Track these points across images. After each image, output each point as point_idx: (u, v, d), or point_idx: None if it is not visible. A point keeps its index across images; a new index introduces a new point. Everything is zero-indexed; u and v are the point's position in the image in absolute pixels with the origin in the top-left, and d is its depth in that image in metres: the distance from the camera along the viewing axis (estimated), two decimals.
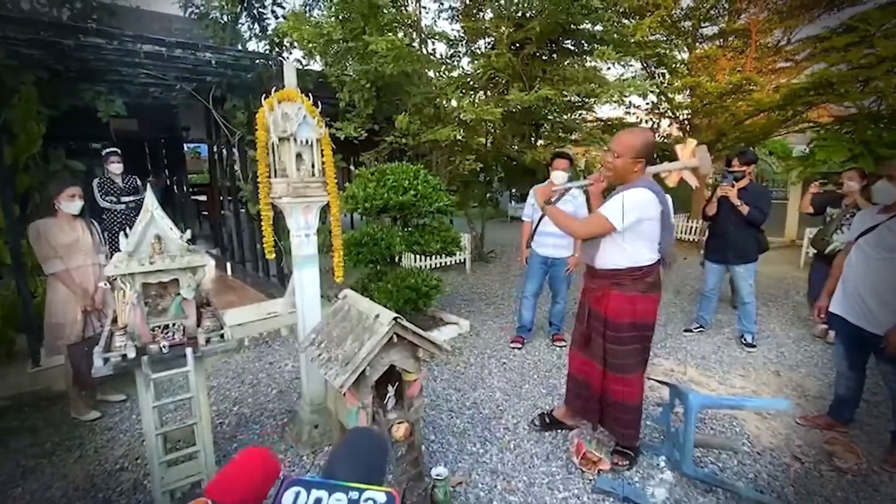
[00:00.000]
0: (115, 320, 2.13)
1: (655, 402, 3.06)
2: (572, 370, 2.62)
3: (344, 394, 2.07)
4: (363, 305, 2.23)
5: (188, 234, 2.14)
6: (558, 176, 3.62)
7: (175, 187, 9.58)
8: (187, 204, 9.83)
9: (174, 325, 2.12)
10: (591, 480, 2.31)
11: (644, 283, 2.24)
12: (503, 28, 4.97)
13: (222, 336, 2.14)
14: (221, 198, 7.19)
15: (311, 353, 2.24)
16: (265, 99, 2.41)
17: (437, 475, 2.12)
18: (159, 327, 2.10)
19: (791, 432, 2.78)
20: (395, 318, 1.99)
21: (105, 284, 3.01)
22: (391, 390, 2.19)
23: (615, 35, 5.34)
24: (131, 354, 1.93)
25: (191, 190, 10.46)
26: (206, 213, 10.44)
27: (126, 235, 2.03)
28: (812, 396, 3.24)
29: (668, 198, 2.38)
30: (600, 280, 2.34)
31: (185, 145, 9.54)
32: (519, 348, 4.04)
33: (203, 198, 10.77)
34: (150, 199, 2.05)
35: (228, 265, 6.82)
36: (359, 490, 0.62)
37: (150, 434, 1.96)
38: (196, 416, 2.05)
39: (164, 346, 2.00)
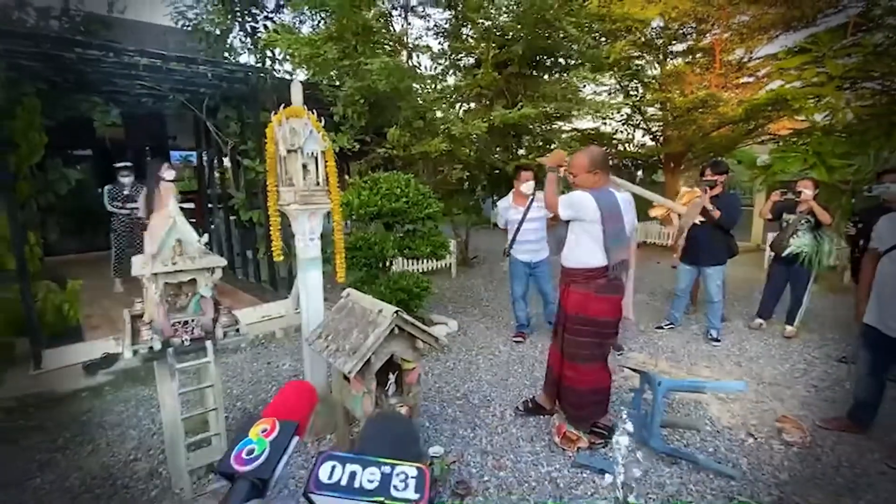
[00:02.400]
0: (139, 316, 2.31)
1: (628, 389, 3.36)
2: (548, 357, 2.95)
3: (349, 380, 2.30)
4: (366, 302, 2.46)
5: (205, 237, 2.35)
6: (528, 186, 4.14)
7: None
8: None
9: (193, 320, 2.31)
10: (570, 457, 2.58)
11: (596, 284, 2.56)
12: (487, 47, 5.30)
13: (237, 330, 2.35)
14: (210, 205, 7.31)
15: (318, 346, 2.46)
16: (273, 114, 2.64)
17: (434, 453, 2.36)
18: (179, 322, 2.29)
19: (747, 413, 3.11)
20: (396, 312, 2.23)
21: None
22: (392, 378, 2.43)
23: (591, 55, 5.73)
24: (157, 347, 2.12)
25: (177, 197, 10.47)
26: (192, 220, 10.44)
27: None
28: (768, 383, 3.58)
29: (628, 205, 2.64)
30: (564, 277, 2.72)
31: (173, 153, 9.59)
32: (521, 342, 4.38)
33: (190, 205, 10.76)
34: (173, 207, 2.25)
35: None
36: (391, 465, 0.62)
37: (174, 420, 2.16)
38: (216, 404, 2.25)
39: (186, 340, 2.21)
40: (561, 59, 6.17)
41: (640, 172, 11.63)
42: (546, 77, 6.19)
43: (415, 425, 2.15)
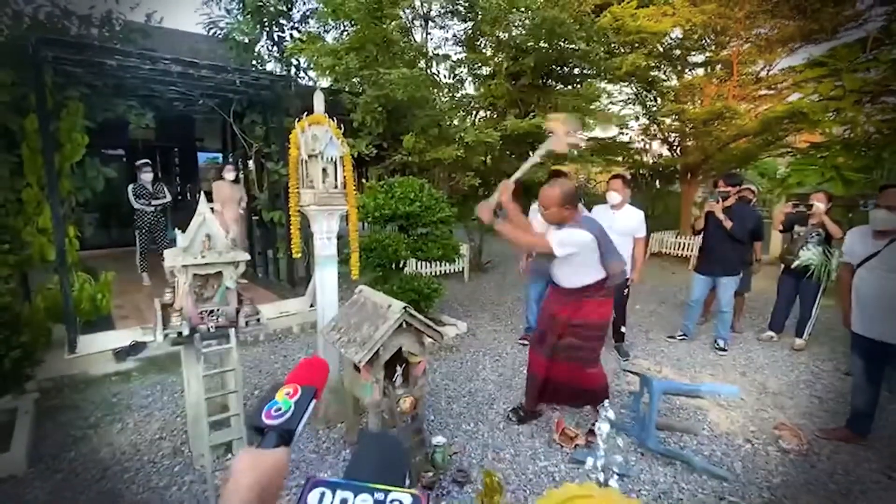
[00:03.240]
0: (169, 305, 2.52)
1: (629, 392, 3.44)
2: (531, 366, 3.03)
3: (359, 370, 2.46)
4: (377, 298, 2.63)
5: (232, 233, 2.54)
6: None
7: (188, 194, 10.02)
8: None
9: (218, 310, 2.50)
10: (568, 453, 2.69)
11: (598, 293, 2.71)
12: (500, 59, 5.47)
13: (258, 320, 2.54)
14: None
15: (331, 337, 2.63)
16: (297, 121, 2.83)
17: (437, 443, 2.51)
18: (206, 311, 2.49)
19: (747, 421, 3.17)
20: (404, 307, 2.39)
21: None
22: (399, 370, 2.58)
23: (603, 66, 5.86)
24: (186, 332, 2.31)
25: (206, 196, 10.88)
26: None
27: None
28: (771, 393, 3.62)
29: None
30: (563, 295, 2.78)
31: (201, 155, 10.00)
32: (527, 344, 4.45)
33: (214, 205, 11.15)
34: (202, 205, 2.46)
35: None
36: (384, 491, 0.60)
37: (198, 400, 2.34)
38: (236, 386, 2.43)
39: (211, 327, 2.40)
40: (575, 70, 6.30)
41: (657, 182, 11.61)
42: (559, 87, 6.32)
43: (403, 448, 2.23)
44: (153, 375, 3.80)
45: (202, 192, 2.94)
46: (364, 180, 7.10)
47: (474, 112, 7.03)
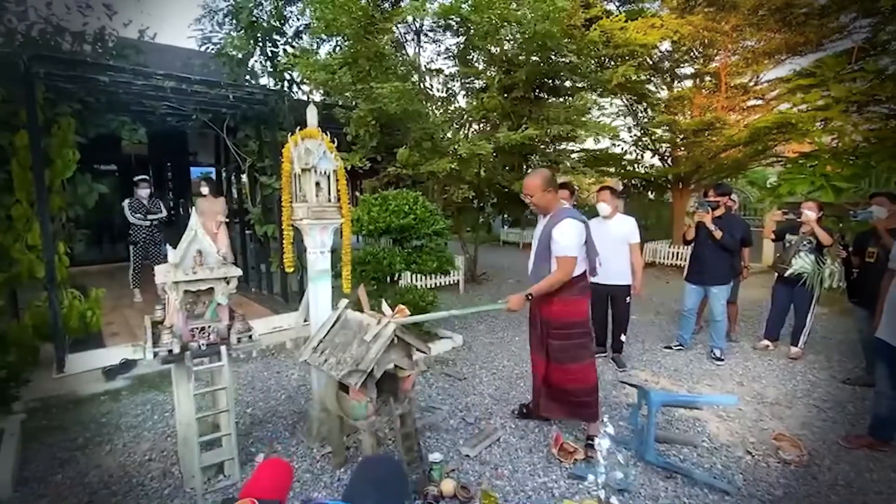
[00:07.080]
0: (160, 322, 2.47)
1: (627, 405, 3.41)
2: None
3: (347, 390, 2.39)
4: (361, 315, 2.55)
5: (224, 249, 2.51)
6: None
7: (180, 209, 9.96)
8: None
9: (210, 326, 2.47)
10: (567, 469, 2.65)
11: (577, 288, 2.75)
12: (493, 73, 5.52)
13: (251, 336, 2.49)
14: (228, 220, 7.56)
15: (315, 360, 2.52)
16: (290, 135, 2.83)
17: (434, 460, 2.46)
18: (197, 328, 2.45)
19: (746, 432, 3.14)
20: (396, 324, 2.35)
21: None
22: (399, 384, 2.53)
23: (594, 78, 5.93)
24: (176, 350, 2.27)
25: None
26: None
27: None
28: (769, 403, 3.60)
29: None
30: (549, 294, 2.75)
31: (194, 170, 9.97)
32: None
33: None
34: (193, 220, 2.43)
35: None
36: None
37: (189, 420, 2.29)
38: (228, 405, 2.38)
39: (202, 344, 2.36)
40: (567, 83, 6.38)
41: (650, 193, 11.69)
42: (550, 100, 6.39)
43: (403, 466, 2.21)
44: (143, 394, 3.73)
45: (193, 208, 2.91)
46: (358, 193, 7.09)
47: (467, 125, 7.08)
